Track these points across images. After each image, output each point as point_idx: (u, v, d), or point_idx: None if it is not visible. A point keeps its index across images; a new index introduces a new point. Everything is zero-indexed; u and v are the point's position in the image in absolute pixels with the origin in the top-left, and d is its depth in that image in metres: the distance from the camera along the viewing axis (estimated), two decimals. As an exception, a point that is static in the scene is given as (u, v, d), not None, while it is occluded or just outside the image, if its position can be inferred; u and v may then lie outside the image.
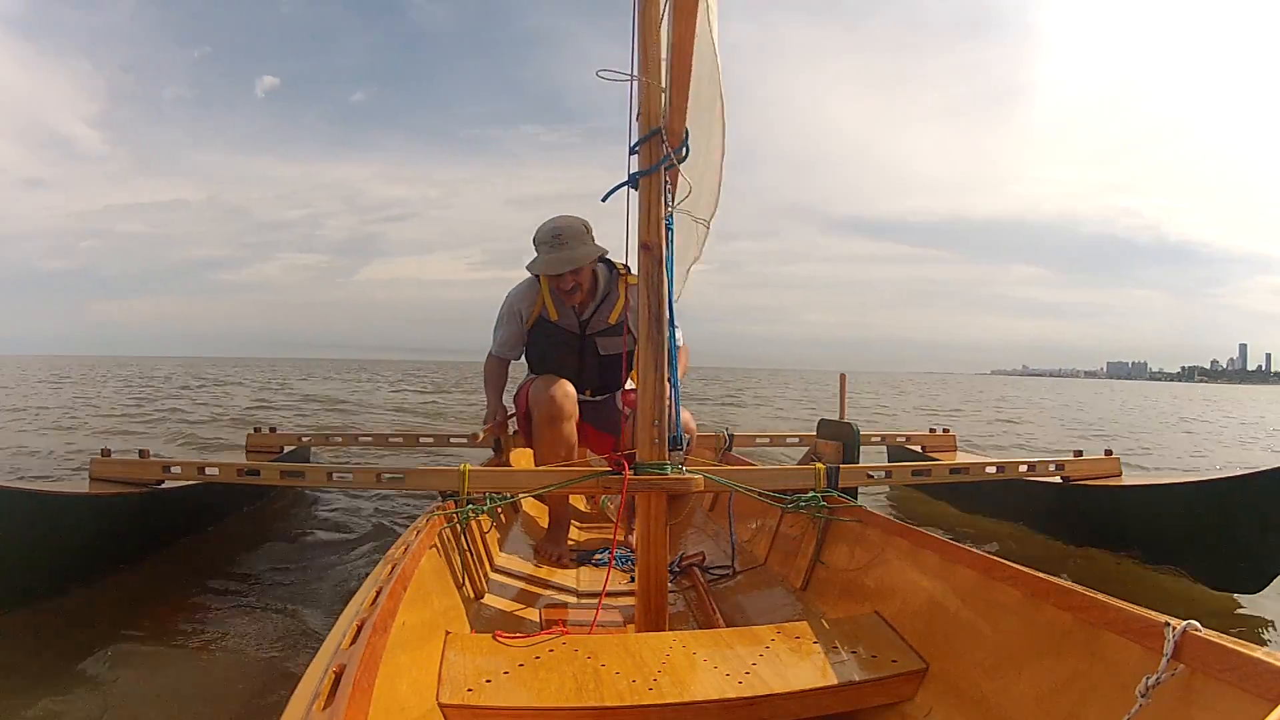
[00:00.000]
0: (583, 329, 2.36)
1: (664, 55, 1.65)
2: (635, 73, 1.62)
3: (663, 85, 1.61)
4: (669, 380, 1.58)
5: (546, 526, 2.41)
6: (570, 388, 2.25)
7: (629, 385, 2.34)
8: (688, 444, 1.76)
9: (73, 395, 12.20)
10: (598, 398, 2.40)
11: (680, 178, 1.70)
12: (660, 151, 1.61)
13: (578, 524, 2.79)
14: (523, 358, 2.50)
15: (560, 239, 2.22)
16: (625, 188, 1.67)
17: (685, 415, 2.30)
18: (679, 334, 2.33)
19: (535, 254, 2.30)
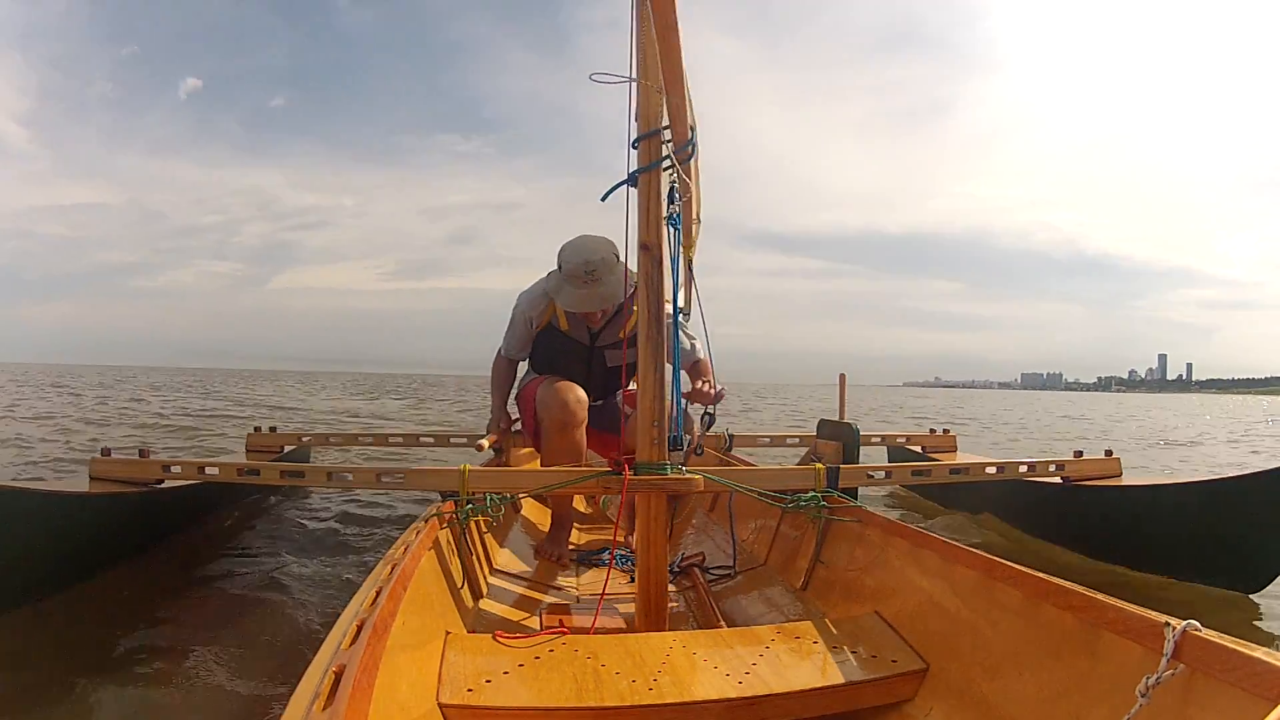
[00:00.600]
0: (592, 340, 2.34)
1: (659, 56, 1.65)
2: (633, 74, 1.62)
3: (658, 87, 1.61)
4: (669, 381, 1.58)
5: (548, 527, 2.42)
6: (581, 393, 2.22)
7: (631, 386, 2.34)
8: (688, 443, 1.75)
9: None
10: (598, 401, 2.40)
11: (692, 178, 1.70)
12: (659, 151, 1.61)
13: (578, 525, 2.79)
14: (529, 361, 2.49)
15: (594, 275, 2.11)
16: (625, 186, 1.67)
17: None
18: (698, 346, 2.31)
19: (559, 271, 2.21)
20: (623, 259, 2.19)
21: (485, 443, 2.34)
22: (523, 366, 2.56)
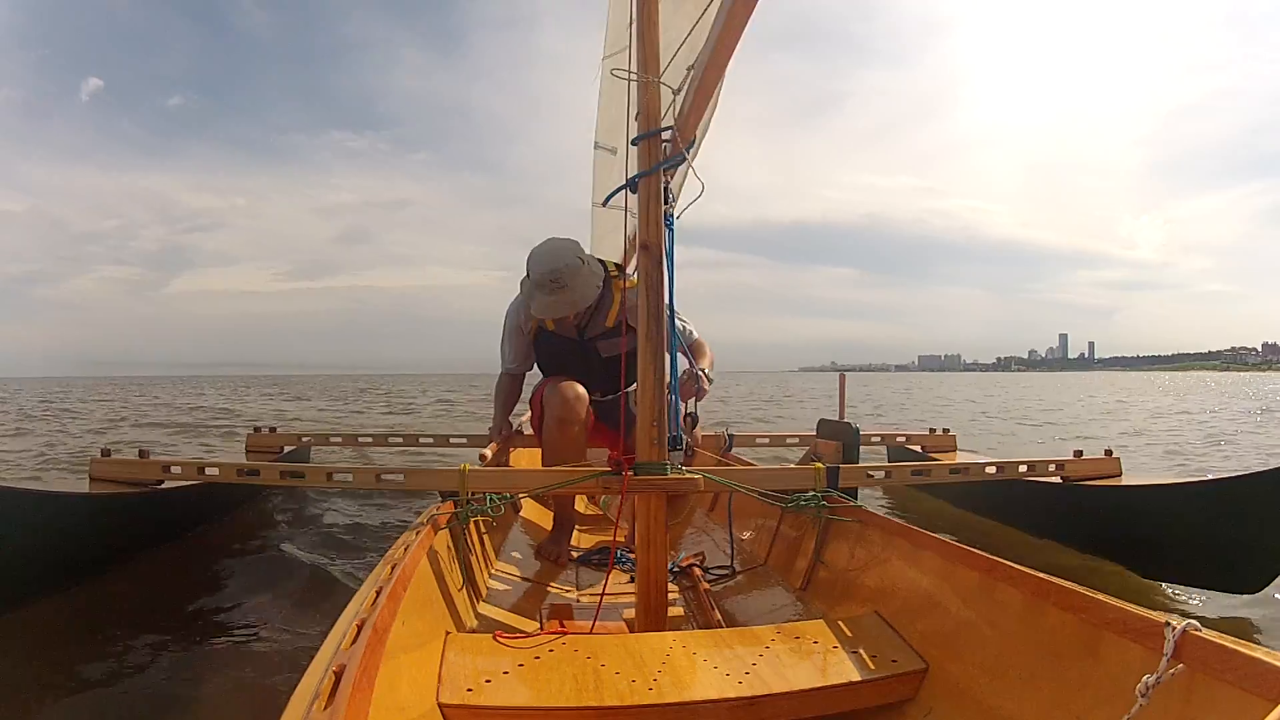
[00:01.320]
0: (581, 334, 2.35)
1: (679, 55, 1.65)
2: (635, 70, 1.61)
3: (676, 86, 1.60)
4: (668, 381, 1.58)
5: (550, 527, 2.41)
6: (581, 389, 2.23)
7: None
8: (686, 444, 1.74)
9: None
10: (607, 397, 2.39)
11: (691, 176, 1.70)
12: (660, 152, 1.60)
13: (578, 525, 2.79)
14: (539, 370, 2.49)
15: (560, 281, 2.13)
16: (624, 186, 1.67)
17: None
18: (694, 330, 2.32)
19: (528, 278, 2.23)
20: (586, 258, 2.22)
21: (488, 452, 2.35)
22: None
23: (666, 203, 1.61)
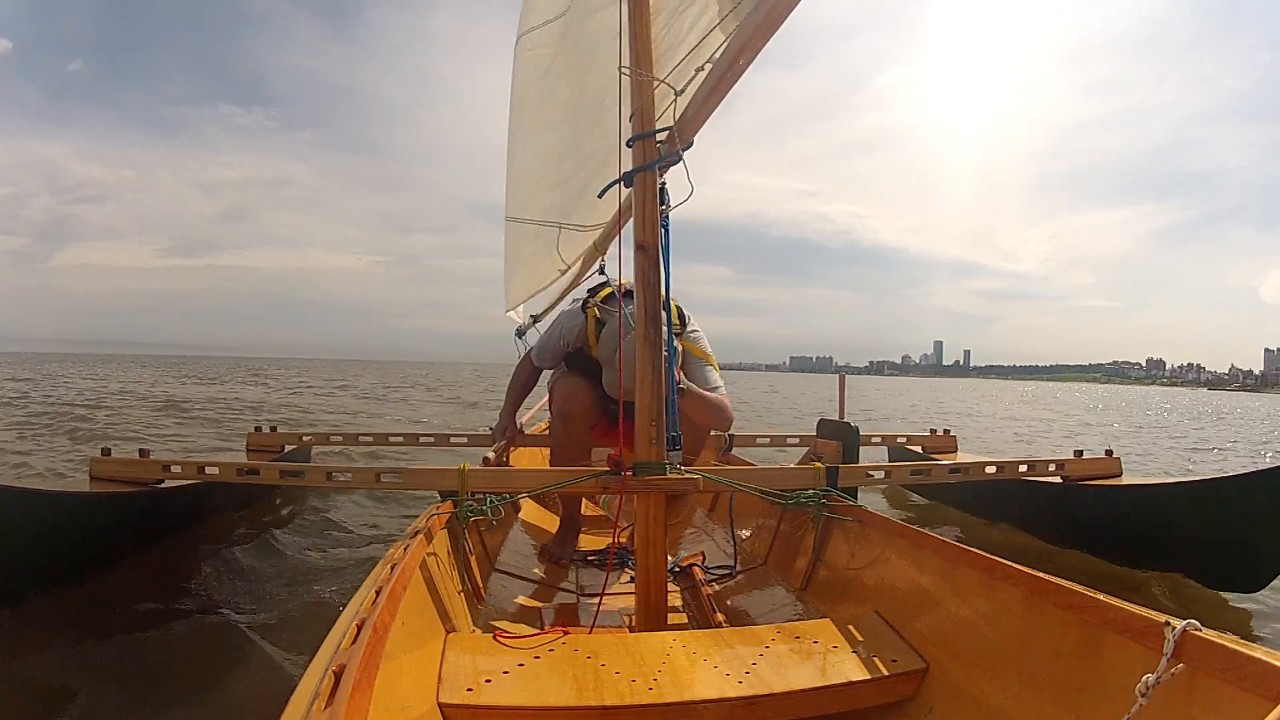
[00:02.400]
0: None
1: (684, 54, 1.63)
2: (629, 67, 1.60)
3: (680, 87, 1.59)
4: (666, 380, 1.57)
5: (549, 527, 2.41)
6: (587, 387, 2.23)
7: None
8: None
9: None
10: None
11: (685, 178, 1.70)
12: (654, 151, 1.59)
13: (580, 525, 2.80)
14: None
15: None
16: (620, 183, 1.65)
17: (724, 400, 2.21)
18: (721, 384, 2.25)
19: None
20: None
21: (491, 455, 2.35)
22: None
23: (663, 203, 1.60)
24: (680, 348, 2.23)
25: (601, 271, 2.42)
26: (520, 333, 3.77)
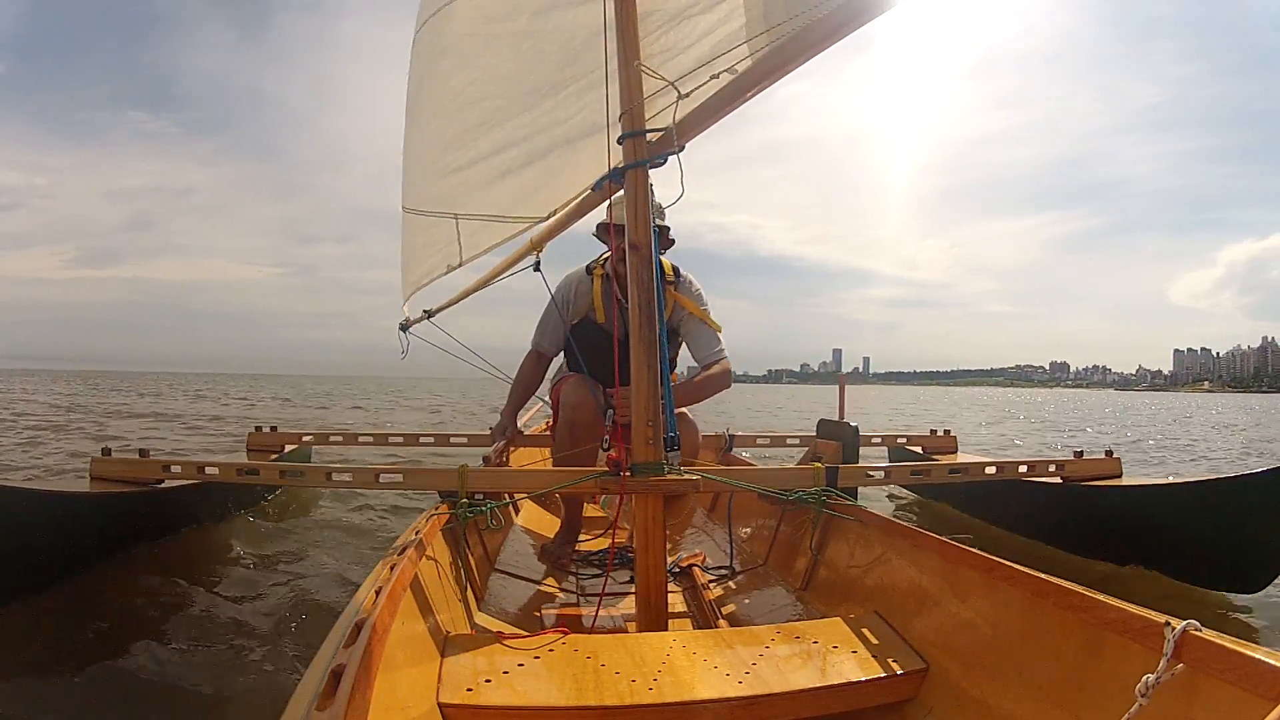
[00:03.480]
0: (627, 335, 2.32)
1: (691, 56, 1.62)
2: (618, 65, 1.59)
3: (686, 90, 1.58)
4: (661, 380, 1.56)
5: (549, 527, 2.41)
6: (594, 392, 2.20)
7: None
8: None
9: None
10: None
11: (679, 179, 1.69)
12: (644, 149, 1.58)
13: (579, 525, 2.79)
14: (562, 357, 2.46)
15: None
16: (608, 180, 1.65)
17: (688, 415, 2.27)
18: (720, 344, 2.31)
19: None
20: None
21: (491, 454, 2.34)
22: (555, 367, 2.53)
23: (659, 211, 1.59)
24: (674, 303, 2.28)
25: (536, 269, 2.27)
26: (404, 326, 3.19)
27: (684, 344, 2.37)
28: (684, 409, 2.27)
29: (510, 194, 2.31)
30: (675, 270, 2.36)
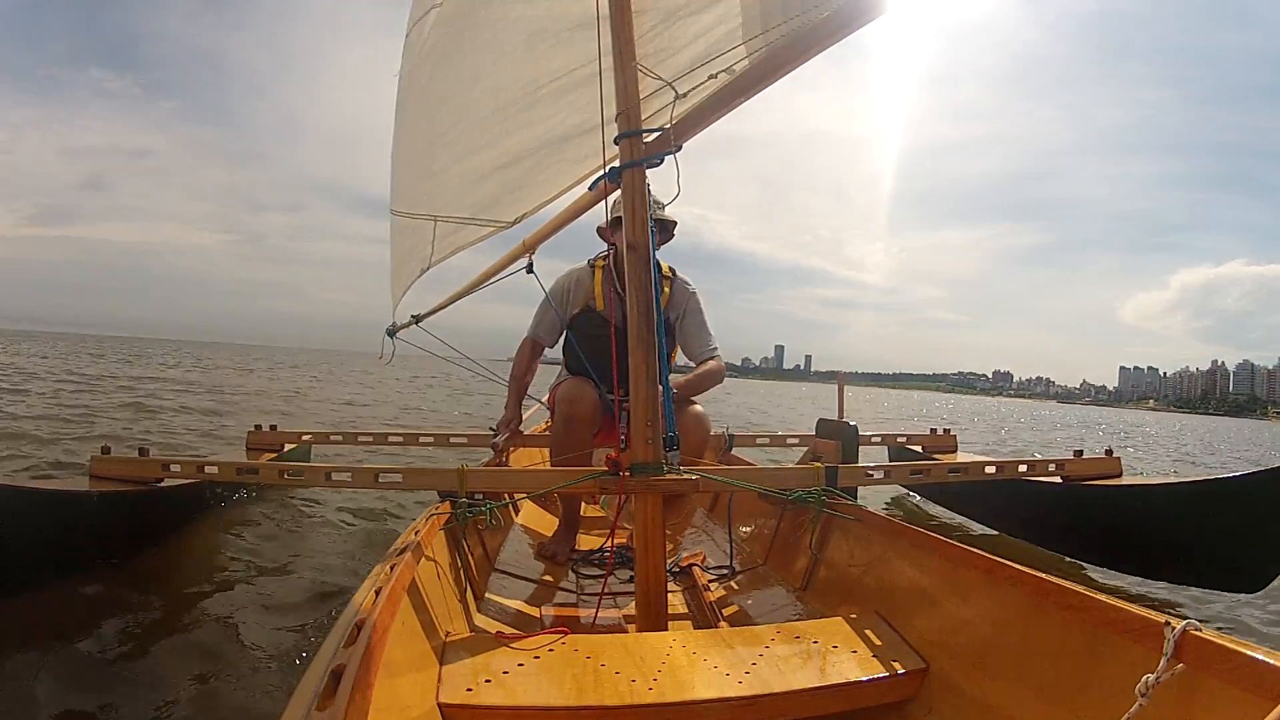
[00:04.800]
0: (624, 322, 2.32)
1: (688, 55, 1.62)
2: (614, 64, 1.58)
3: (684, 90, 1.57)
4: (660, 380, 1.56)
5: (548, 527, 2.41)
6: (590, 391, 2.22)
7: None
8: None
9: None
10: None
11: (676, 178, 1.68)
12: (641, 149, 1.57)
13: (580, 526, 2.79)
14: (560, 353, 2.47)
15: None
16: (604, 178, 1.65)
17: (699, 412, 2.28)
18: (712, 341, 2.37)
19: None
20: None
21: (499, 442, 2.35)
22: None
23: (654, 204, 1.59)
24: (670, 300, 2.33)
25: (529, 270, 2.22)
26: (391, 331, 3.18)
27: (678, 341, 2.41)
28: (697, 406, 2.31)
29: (489, 195, 2.30)
30: (672, 270, 2.40)
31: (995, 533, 2.98)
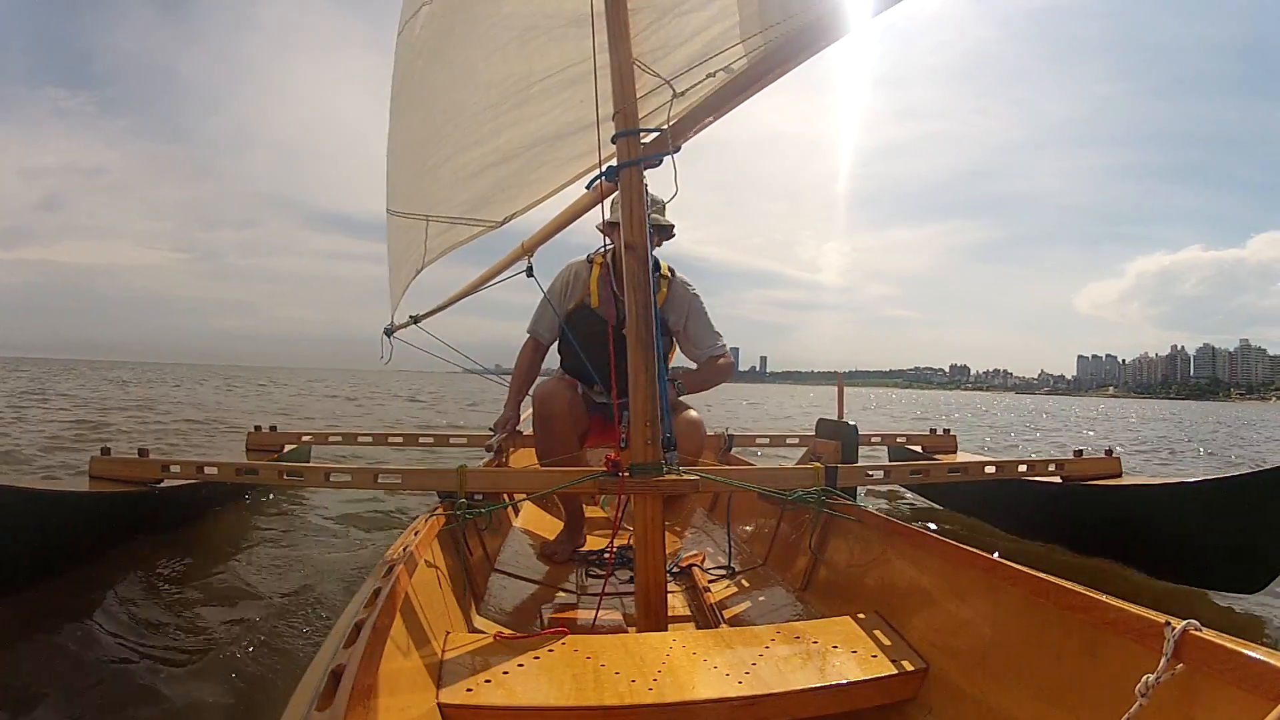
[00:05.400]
0: (620, 321, 2.22)
1: (685, 54, 1.61)
2: (610, 62, 1.57)
3: (682, 89, 1.57)
4: (658, 380, 1.56)
5: (547, 527, 2.41)
6: (565, 389, 2.25)
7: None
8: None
9: None
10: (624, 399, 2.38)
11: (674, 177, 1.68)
12: (638, 149, 1.57)
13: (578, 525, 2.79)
14: (557, 353, 2.47)
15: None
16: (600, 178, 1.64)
17: (695, 417, 2.28)
18: (720, 338, 2.39)
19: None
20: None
21: (496, 443, 2.35)
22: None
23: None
24: (668, 299, 2.33)
25: (529, 274, 2.20)
26: (389, 331, 3.20)
27: (676, 340, 2.42)
28: (690, 409, 2.31)
29: (480, 194, 2.29)
30: (671, 270, 2.39)
31: (995, 532, 2.98)
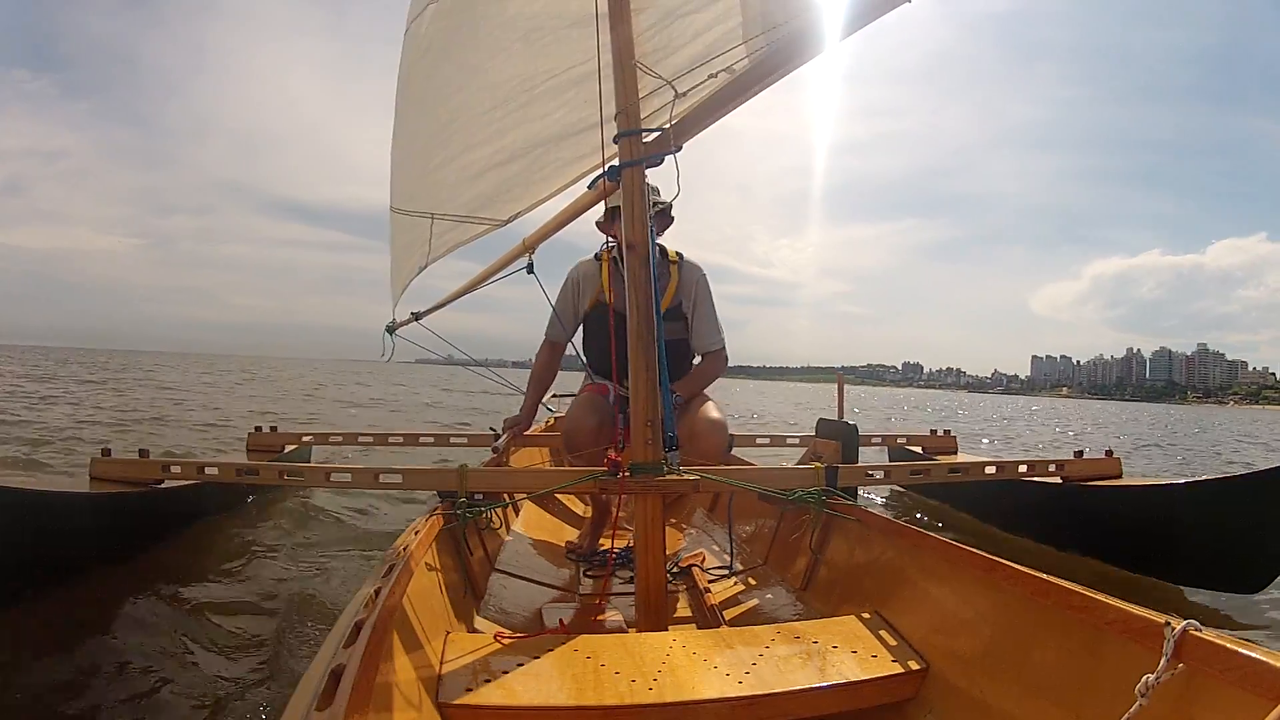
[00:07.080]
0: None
1: (687, 55, 1.61)
2: (612, 62, 1.57)
3: (683, 89, 1.57)
4: (660, 380, 1.56)
5: (555, 528, 2.39)
6: (590, 412, 2.13)
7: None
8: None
9: None
10: None
11: (675, 177, 1.68)
12: (640, 149, 1.57)
13: (576, 525, 2.79)
14: (582, 354, 2.41)
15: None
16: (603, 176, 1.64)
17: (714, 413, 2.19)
18: (720, 332, 2.32)
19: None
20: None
21: (502, 444, 2.34)
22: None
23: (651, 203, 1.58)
24: (679, 286, 2.27)
25: (529, 271, 2.20)
26: (390, 329, 3.19)
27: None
28: (712, 407, 2.21)
29: (484, 193, 2.28)
30: (679, 255, 2.32)
31: (995, 533, 2.98)
